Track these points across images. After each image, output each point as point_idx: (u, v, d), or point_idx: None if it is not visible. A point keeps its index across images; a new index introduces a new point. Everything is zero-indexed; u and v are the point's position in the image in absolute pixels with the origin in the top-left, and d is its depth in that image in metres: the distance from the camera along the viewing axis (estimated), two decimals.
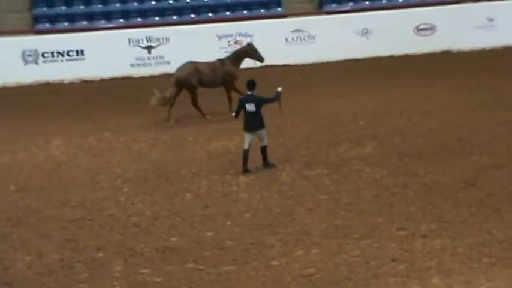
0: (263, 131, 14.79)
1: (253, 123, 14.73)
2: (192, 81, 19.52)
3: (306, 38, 27.28)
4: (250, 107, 14.72)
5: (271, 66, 26.53)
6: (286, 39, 27.24)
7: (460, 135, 16.48)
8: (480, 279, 9.50)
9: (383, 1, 29.97)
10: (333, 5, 29.61)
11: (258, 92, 14.94)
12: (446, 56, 26.87)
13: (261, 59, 20.36)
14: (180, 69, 19.88)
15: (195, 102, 19.62)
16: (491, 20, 27.48)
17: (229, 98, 19.54)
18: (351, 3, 29.65)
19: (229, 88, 19.72)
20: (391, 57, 27.06)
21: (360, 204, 12.73)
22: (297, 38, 27.30)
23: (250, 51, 20.26)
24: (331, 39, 26.96)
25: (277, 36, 26.90)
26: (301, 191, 13.58)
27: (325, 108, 19.84)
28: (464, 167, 14.31)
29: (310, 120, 18.76)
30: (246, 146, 14.73)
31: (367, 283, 9.68)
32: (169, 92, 19.30)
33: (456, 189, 13.19)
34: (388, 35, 26.98)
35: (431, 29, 27.76)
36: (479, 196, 12.70)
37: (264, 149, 14.85)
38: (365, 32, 27.46)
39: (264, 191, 13.71)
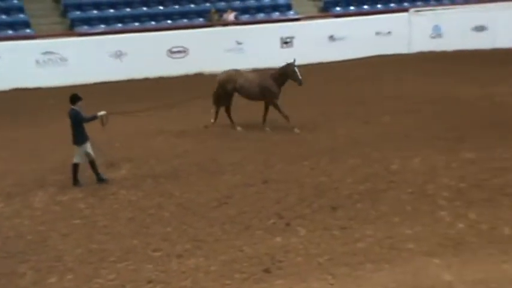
0: (77, 148, 14.89)
1: (72, 137, 14.95)
2: (226, 86, 19.33)
3: (58, 60, 26.72)
4: (69, 121, 14.89)
5: (22, 89, 25.76)
6: (37, 61, 26.52)
7: (214, 155, 16.88)
8: None
9: (135, 24, 30.14)
10: (85, 27, 29.30)
11: None
12: (198, 78, 27.46)
13: (299, 82, 18.72)
14: (221, 73, 19.86)
15: (227, 109, 19.51)
16: (240, 43, 28.56)
17: (265, 114, 19.14)
18: (103, 26, 29.52)
19: (268, 103, 19.13)
20: (146, 80, 27.22)
21: (116, 227, 12.63)
22: (48, 60, 26.66)
23: (288, 71, 18.90)
24: (85, 61, 26.65)
25: (27, 58, 26.10)
26: (55, 216, 13.22)
27: None
28: (218, 186, 14.66)
29: (66, 143, 18.33)
30: (74, 160, 14.91)
31: None
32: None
33: (210, 208, 13.48)
34: (141, 57, 27.11)
35: (184, 51, 28.30)
36: (232, 214, 13.06)
37: (74, 166, 14.93)
38: (119, 55, 27.42)
39: (15, 217, 13.18)
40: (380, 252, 11.04)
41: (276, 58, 28.08)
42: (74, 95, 15.06)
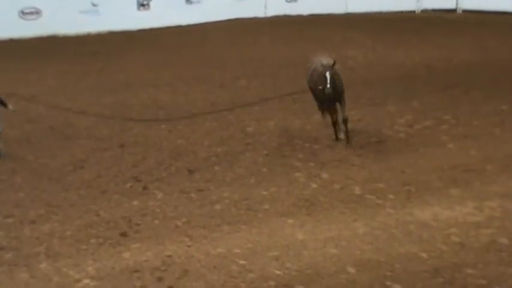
0: None
1: None
2: (307, 78, 14.75)
3: None
4: None
5: None
6: None
7: (68, 119, 16.53)
8: (88, 260, 9.67)
9: None
10: None
11: None
12: (52, 40, 26.68)
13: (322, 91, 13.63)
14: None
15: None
16: (95, 5, 27.87)
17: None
18: None
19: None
20: None
21: None
22: None
23: (318, 74, 13.85)
24: None
25: None
26: None
27: None
28: (73, 150, 14.41)
29: None
30: None
31: None
32: None
33: (65, 172, 13.26)
34: None
35: (37, 13, 27.35)
36: (88, 178, 12.90)
37: None
38: None
39: None
40: (237, 214, 11.20)
41: (132, 20, 27.84)
42: None
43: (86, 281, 9.14)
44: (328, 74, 13.44)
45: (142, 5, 28.47)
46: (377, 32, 25.50)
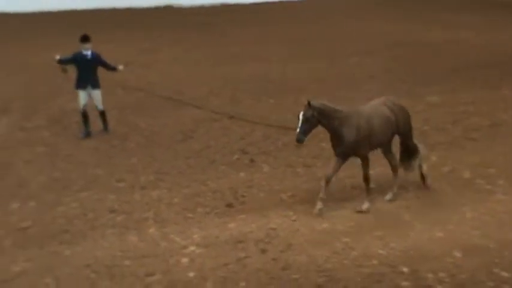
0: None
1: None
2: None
3: None
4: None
5: None
6: None
7: (180, 88, 16.81)
8: (194, 228, 9.81)
9: None
10: None
11: None
12: (167, 11, 27.15)
13: None
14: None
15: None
16: None
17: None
18: None
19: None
20: (114, 10, 26.86)
21: (80, 156, 12.61)
22: None
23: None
24: None
25: None
26: (18, 143, 13.16)
27: (39, 60, 19.14)
28: (183, 119, 14.64)
29: (24, 72, 18.12)
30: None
31: (84, 234, 9.64)
32: None
33: (175, 141, 13.49)
34: None
35: None
36: (197, 148, 13.09)
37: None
38: None
39: None
40: (342, 191, 11.13)
41: None
42: (84, 35, 13.72)
43: (192, 248, 9.28)
44: (301, 116, 10.02)
45: None
46: (491, 14, 24.79)
